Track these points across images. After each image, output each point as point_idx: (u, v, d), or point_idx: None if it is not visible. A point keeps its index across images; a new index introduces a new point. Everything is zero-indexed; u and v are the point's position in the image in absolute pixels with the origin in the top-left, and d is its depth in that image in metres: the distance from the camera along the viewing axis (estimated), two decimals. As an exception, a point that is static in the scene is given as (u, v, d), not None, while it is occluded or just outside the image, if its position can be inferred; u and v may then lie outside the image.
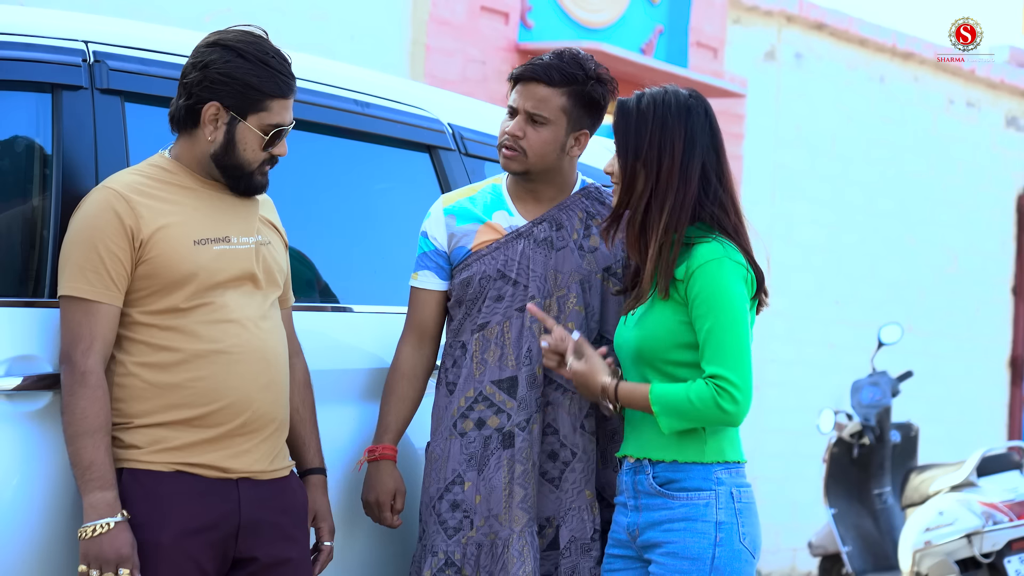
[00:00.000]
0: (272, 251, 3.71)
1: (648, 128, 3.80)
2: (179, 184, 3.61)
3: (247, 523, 3.59)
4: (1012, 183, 14.50)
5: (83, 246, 3.49)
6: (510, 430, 3.96)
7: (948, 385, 13.69)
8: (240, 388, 3.56)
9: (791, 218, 12.33)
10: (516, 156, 3.98)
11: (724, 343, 3.70)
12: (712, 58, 11.65)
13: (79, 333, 3.46)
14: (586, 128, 4.03)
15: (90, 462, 3.43)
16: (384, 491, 3.98)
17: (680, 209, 3.77)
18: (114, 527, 3.42)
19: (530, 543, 3.92)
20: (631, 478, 3.84)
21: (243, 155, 3.61)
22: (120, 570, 3.41)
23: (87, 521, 3.43)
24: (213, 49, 3.60)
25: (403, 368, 4.04)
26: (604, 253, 4.05)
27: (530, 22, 10.34)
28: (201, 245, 3.56)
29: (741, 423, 3.72)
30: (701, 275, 3.73)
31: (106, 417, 3.45)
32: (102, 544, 3.41)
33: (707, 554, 3.74)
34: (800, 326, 12.32)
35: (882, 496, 9.43)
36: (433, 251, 4.05)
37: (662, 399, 3.72)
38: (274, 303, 3.70)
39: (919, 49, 13.28)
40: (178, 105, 3.62)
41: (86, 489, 3.43)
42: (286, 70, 3.63)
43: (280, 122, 3.62)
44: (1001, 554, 8.16)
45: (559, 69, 3.96)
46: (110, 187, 3.54)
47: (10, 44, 3.63)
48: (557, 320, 3.98)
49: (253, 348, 3.58)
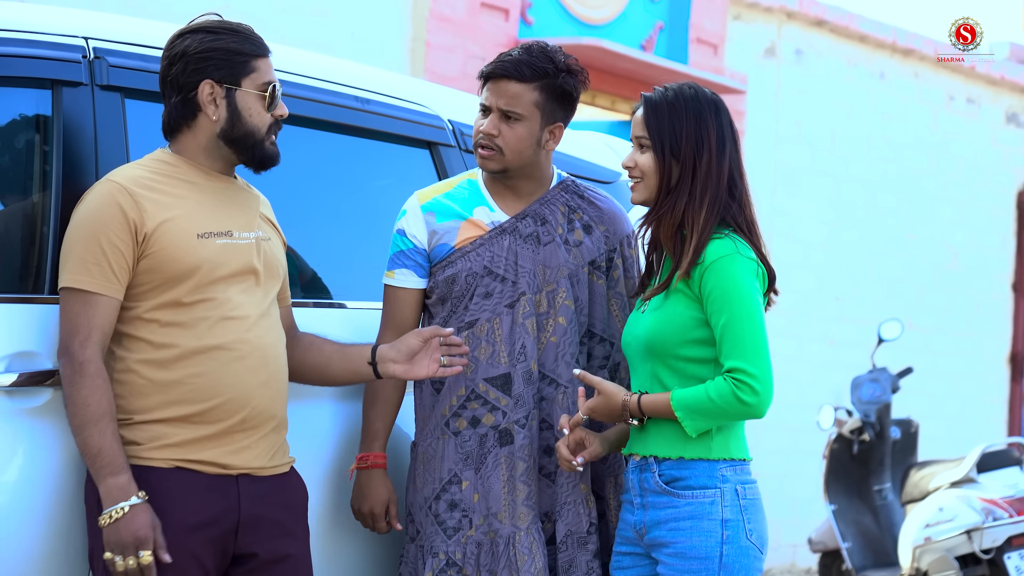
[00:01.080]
0: (272, 247, 3.72)
1: (683, 121, 3.82)
2: (182, 178, 3.61)
3: (247, 519, 3.59)
4: (1012, 179, 14.49)
5: (86, 239, 3.49)
6: (506, 427, 3.96)
7: (948, 381, 13.69)
8: (239, 385, 3.56)
9: (791, 215, 12.33)
10: (493, 155, 3.98)
11: (741, 336, 3.72)
12: (712, 54, 11.65)
13: (77, 324, 3.46)
14: (559, 121, 4.02)
15: (98, 449, 3.43)
16: (378, 501, 3.97)
17: (718, 201, 3.79)
18: (130, 510, 3.42)
19: (537, 540, 3.93)
20: (637, 476, 3.85)
21: (251, 121, 3.63)
22: (140, 552, 3.41)
23: (105, 509, 3.43)
24: (182, 39, 3.62)
25: None
26: (588, 247, 4.06)
27: (530, 18, 10.34)
28: (204, 239, 3.57)
29: (765, 414, 3.72)
30: (714, 271, 3.75)
31: (109, 404, 3.45)
32: (120, 529, 3.41)
33: (715, 553, 3.75)
34: (800, 322, 12.32)
35: (882, 492, 9.43)
36: (412, 249, 4.02)
37: (684, 402, 3.74)
38: (273, 300, 3.71)
39: (919, 45, 13.28)
40: (172, 104, 3.63)
41: (99, 477, 3.43)
42: (254, 32, 3.68)
43: (271, 79, 3.65)
44: (1001, 550, 8.17)
45: (529, 64, 3.95)
46: (114, 180, 3.54)
47: (10, 40, 3.63)
48: (547, 315, 3.99)
49: (253, 346, 3.59)
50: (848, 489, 9.42)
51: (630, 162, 3.87)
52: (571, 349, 4.00)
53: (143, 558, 3.42)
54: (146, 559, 3.42)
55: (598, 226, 4.09)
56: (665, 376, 3.81)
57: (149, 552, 3.42)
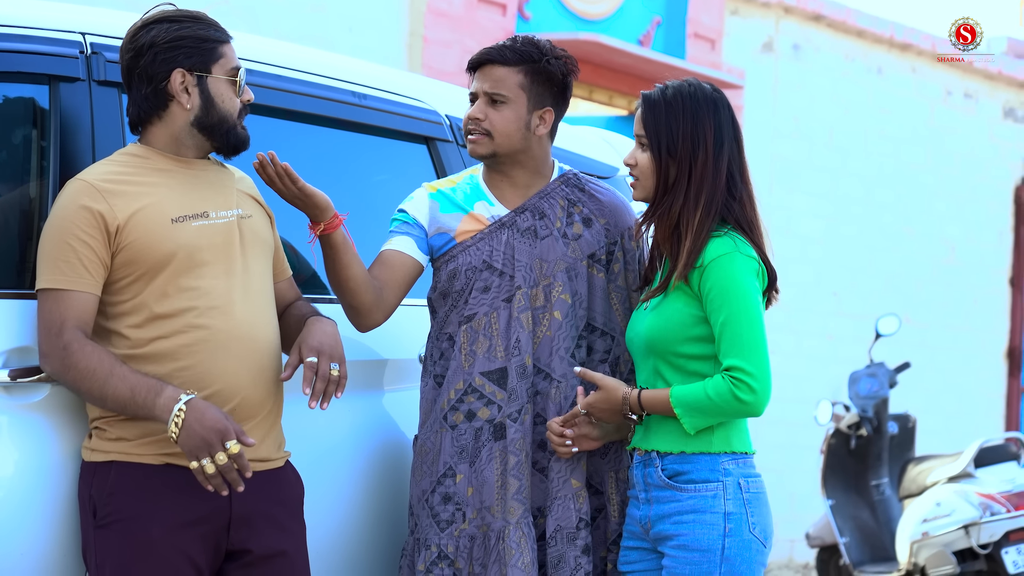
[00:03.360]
0: (254, 224, 3.69)
1: (679, 120, 3.82)
2: (153, 167, 3.59)
3: (239, 515, 3.56)
4: (1010, 174, 14.50)
5: (55, 239, 3.47)
6: (501, 421, 3.96)
7: (946, 376, 13.70)
8: (228, 375, 3.53)
9: (789, 210, 12.33)
10: (481, 140, 3.99)
11: (739, 335, 3.73)
12: (710, 49, 11.65)
13: (50, 320, 3.44)
14: (549, 106, 4.02)
15: (130, 389, 3.39)
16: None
17: (714, 202, 3.79)
18: (188, 408, 3.37)
19: (527, 534, 3.93)
20: (641, 471, 3.87)
21: (223, 107, 3.62)
22: (227, 443, 3.37)
23: (167, 423, 3.38)
24: (147, 30, 3.60)
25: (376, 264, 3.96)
26: (587, 240, 4.06)
27: (527, 13, 10.34)
28: (179, 223, 3.54)
29: (763, 412, 3.74)
30: (714, 269, 3.75)
31: (110, 356, 3.41)
32: (192, 430, 3.36)
33: (717, 545, 3.76)
34: (798, 317, 12.32)
35: (880, 487, 9.44)
36: (414, 223, 4.02)
37: (683, 400, 3.75)
38: (262, 277, 3.67)
39: (917, 40, 13.28)
40: (143, 95, 3.59)
41: (146, 408, 3.39)
42: (213, 19, 3.68)
43: (238, 64, 3.66)
44: (998, 545, 8.18)
45: (513, 49, 3.99)
46: (81, 179, 3.52)
47: (7, 36, 3.63)
48: (543, 309, 3.99)
49: (240, 334, 3.56)
50: (846, 484, 9.43)
51: (631, 159, 3.88)
52: (566, 344, 4.00)
53: (231, 448, 3.37)
54: (234, 448, 3.37)
55: (598, 219, 4.09)
56: (667, 372, 3.83)
57: (234, 441, 3.37)
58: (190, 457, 3.37)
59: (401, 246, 4.01)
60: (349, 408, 4.07)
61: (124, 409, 3.42)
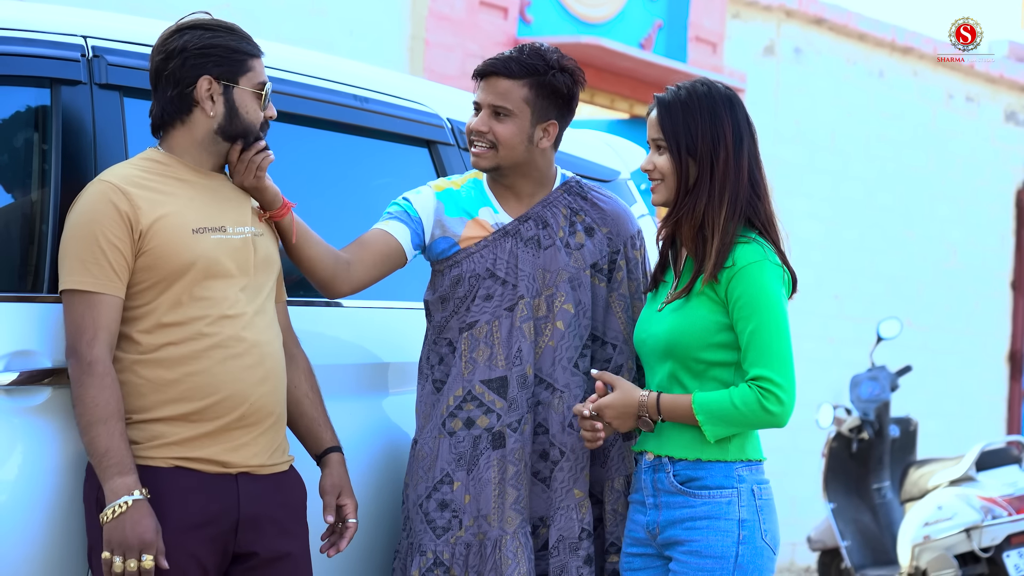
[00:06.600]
0: (266, 243, 3.72)
1: (697, 120, 3.80)
2: (174, 176, 3.61)
3: (246, 518, 3.59)
4: (1011, 177, 14.50)
5: (83, 239, 3.49)
6: (500, 430, 3.95)
7: (947, 380, 13.69)
8: (237, 382, 3.56)
9: (790, 213, 12.33)
10: (484, 153, 3.98)
11: (767, 345, 3.69)
12: (711, 53, 11.65)
13: (83, 325, 3.46)
14: (553, 119, 4.01)
15: (106, 449, 3.43)
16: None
17: (738, 200, 3.77)
18: (132, 505, 3.40)
19: (524, 544, 3.92)
20: (651, 476, 3.83)
21: (247, 118, 3.64)
22: (144, 556, 3.40)
23: (108, 505, 3.42)
24: (180, 34, 3.62)
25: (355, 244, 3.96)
26: (590, 249, 4.05)
27: (529, 17, 10.34)
28: (199, 234, 3.57)
29: (786, 424, 3.70)
30: (743, 277, 3.72)
31: (117, 404, 3.45)
32: (124, 528, 3.40)
33: (731, 552, 3.74)
34: (799, 321, 12.30)
35: (881, 491, 9.44)
36: (416, 218, 4.00)
37: (706, 407, 3.71)
38: (269, 296, 3.70)
39: (918, 44, 13.29)
40: (168, 97, 3.62)
41: (105, 476, 3.43)
42: (247, 33, 3.70)
43: (265, 80, 3.67)
44: (1000, 548, 8.17)
45: (518, 61, 3.96)
46: (106, 180, 3.54)
47: (9, 39, 3.63)
48: (546, 319, 3.98)
49: (250, 343, 3.59)
50: (847, 487, 9.43)
51: (648, 165, 3.84)
52: (568, 353, 3.99)
53: (145, 562, 3.41)
54: (148, 563, 3.41)
55: (600, 228, 4.07)
56: (685, 378, 3.78)
57: (151, 556, 3.41)
58: (107, 547, 3.41)
59: (392, 229, 3.98)
60: (353, 412, 4.07)
61: (90, 455, 3.45)
